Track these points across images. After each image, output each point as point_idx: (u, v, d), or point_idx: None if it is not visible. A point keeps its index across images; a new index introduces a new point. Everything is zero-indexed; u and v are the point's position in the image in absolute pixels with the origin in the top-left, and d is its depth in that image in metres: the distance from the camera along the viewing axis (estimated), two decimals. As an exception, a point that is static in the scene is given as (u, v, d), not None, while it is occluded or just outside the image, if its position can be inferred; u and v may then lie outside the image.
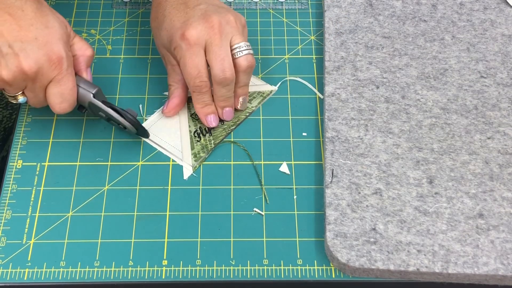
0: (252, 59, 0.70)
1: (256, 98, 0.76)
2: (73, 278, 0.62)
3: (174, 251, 0.64)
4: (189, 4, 0.71)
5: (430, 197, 0.66)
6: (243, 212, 0.67)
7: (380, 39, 0.80)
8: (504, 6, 0.84)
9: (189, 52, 0.68)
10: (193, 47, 0.68)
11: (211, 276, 0.63)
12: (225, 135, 0.72)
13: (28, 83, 0.65)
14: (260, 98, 0.76)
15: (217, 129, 0.73)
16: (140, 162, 0.71)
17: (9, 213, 0.66)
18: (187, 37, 0.68)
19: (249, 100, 0.75)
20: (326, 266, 0.63)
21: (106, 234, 0.65)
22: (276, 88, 0.77)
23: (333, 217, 0.65)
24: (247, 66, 0.70)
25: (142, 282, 0.62)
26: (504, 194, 0.66)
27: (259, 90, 0.77)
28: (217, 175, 0.70)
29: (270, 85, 0.77)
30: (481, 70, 0.77)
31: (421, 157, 0.69)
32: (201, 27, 0.68)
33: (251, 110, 0.75)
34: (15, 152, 0.71)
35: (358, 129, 0.71)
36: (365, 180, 0.67)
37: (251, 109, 0.75)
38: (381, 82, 0.76)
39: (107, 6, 0.86)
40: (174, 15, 0.70)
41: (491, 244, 0.63)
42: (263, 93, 0.76)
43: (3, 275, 0.62)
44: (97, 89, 0.68)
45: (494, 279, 0.62)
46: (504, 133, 0.71)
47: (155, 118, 0.74)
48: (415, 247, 0.62)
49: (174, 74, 0.73)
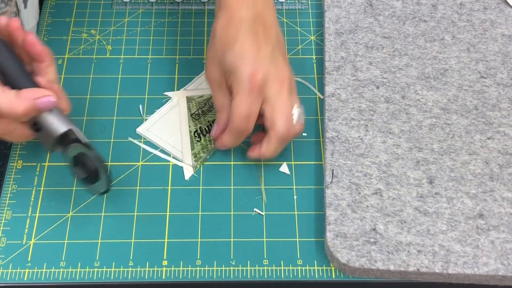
0: (302, 128, 0.68)
1: None
2: (73, 279, 0.62)
3: (174, 251, 0.64)
4: (260, 33, 0.67)
5: (430, 197, 0.66)
6: (243, 212, 0.67)
7: (380, 39, 0.80)
8: (504, 6, 0.84)
9: (250, 94, 0.65)
10: (255, 92, 0.65)
11: (211, 276, 0.63)
12: None
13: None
14: None
15: None
16: (140, 162, 0.71)
17: (9, 213, 0.66)
18: (255, 79, 0.64)
19: None
20: (326, 267, 0.63)
21: (106, 235, 0.65)
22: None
23: (333, 217, 0.65)
24: (299, 133, 0.68)
25: (142, 282, 0.62)
26: (504, 195, 0.66)
27: None
28: (217, 175, 0.70)
29: None
30: (481, 70, 0.77)
31: (421, 157, 0.69)
32: (272, 77, 0.65)
33: None
34: (15, 152, 0.71)
35: (358, 129, 0.71)
36: (365, 180, 0.67)
37: None
38: (381, 82, 0.76)
39: (107, 6, 0.86)
40: (246, 43, 0.66)
41: (491, 244, 0.63)
42: None
43: (3, 275, 0.62)
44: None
45: (494, 280, 0.62)
46: (504, 133, 0.71)
47: (155, 118, 0.74)
48: (415, 247, 0.62)
49: (221, 96, 0.69)
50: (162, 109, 0.75)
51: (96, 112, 0.74)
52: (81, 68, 0.78)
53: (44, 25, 0.83)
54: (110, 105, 0.75)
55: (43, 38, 0.81)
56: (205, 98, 0.75)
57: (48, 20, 0.83)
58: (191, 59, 0.80)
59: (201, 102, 0.75)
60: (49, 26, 0.83)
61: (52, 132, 0.61)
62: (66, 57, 0.80)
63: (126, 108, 0.75)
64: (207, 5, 0.86)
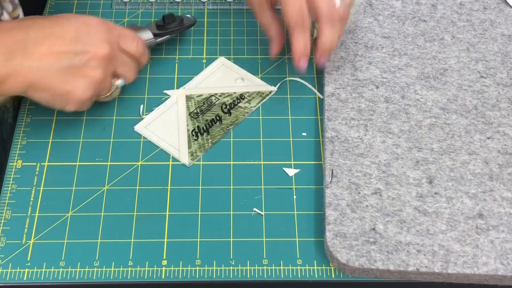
0: (347, 11, 0.70)
1: (255, 98, 0.76)
2: (73, 278, 0.62)
3: (173, 251, 0.64)
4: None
5: (429, 197, 0.66)
6: (242, 212, 0.67)
7: (380, 39, 0.80)
8: (504, 6, 0.84)
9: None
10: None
11: (211, 276, 0.63)
12: (222, 134, 0.72)
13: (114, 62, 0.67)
14: (259, 98, 0.76)
15: (215, 128, 0.73)
16: (140, 162, 0.71)
17: (8, 213, 0.66)
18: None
19: (248, 100, 0.75)
20: (326, 266, 0.63)
21: (106, 234, 0.65)
22: (275, 88, 0.77)
23: (333, 217, 0.65)
24: (344, 15, 0.69)
25: (141, 282, 0.62)
26: (504, 194, 0.66)
27: (258, 90, 0.77)
28: (217, 175, 0.70)
29: (270, 85, 0.77)
30: (480, 70, 0.77)
31: (420, 157, 0.69)
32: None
33: (249, 110, 0.75)
34: (15, 152, 0.71)
35: (357, 129, 0.71)
36: (364, 180, 0.67)
37: (249, 109, 0.75)
38: (381, 82, 0.76)
39: (107, 6, 0.86)
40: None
41: (490, 244, 0.63)
42: (262, 93, 0.76)
43: (3, 275, 0.62)
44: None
45: (494, 279, 0.62)
46: (504, 133, 0.71)
47: (153, 116, 0.74)
48: (415, 247, 0.62)
49: (264, 14, 0.72)
50: (160, 107, 0.75)
51: (96, 112, 0.74)
52: (81, 68, 0.78)
53: (44, 25, 0.83)
54: (110, 105, 0.75)
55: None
56: (204, 97, 0.76)
57: (48, 20, 0.83)
58: (191, 59, 0.80)
59: (200, 101, 0.75)
60: (49, 26, 0.83)
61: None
62: (66, 57, 0.79)
63: (126, 108, 0.75)
64: (207, 5, 0.86)
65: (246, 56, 0.81)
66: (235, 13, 0.85)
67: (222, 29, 0.83)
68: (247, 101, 0.75)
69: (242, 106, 0.75)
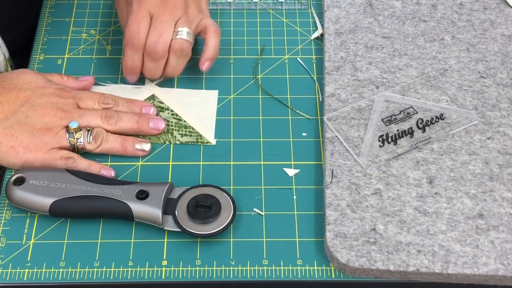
0: (186, 46, 0.73)
1: (188, 136, 0.72)
2: (73, 279, 0.62)
3: (174, 251, 0.64)
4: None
5: (430, 197, 0.66)
6: (243, 212, 0.67)
7: (380, 39, 0.80)
8: (504, 6, 0.84)
9: (138, 12, 0.72)
10: (142, 11, 0.72)
11: (211, 276, 0.63)
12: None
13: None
14: (192, 139, 0.72)
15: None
16: (140, 162, 0.71)
17: (8, 213, 0.66)
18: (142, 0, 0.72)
19: (181, 135, 0.72)
20: (326, 267, 0.63)
21: (106, 234, 0.65)
22: (214, 142, 0.72)
23: (333, 218, 0.65)
24: (178, 49, 0.72)
25: (142, 282, 0.62)
26: (504, 195, 0.66)
27: (199, 131, 0.73)
28: (217, 175, 0.70)
29: (211, 136, 0.73)
30: (481, 70, 0.77)
31: (421, 157, 0.69)
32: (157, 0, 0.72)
33: (174, 142, 0.72)
34: (15, 152, 0.71)
35: (358, 129, 0.71)
36: (364, 180, 0.67)
37: (174, 141, 0.72)
38: (381, 82, 0.76)
39: (107, 6, 0.86)
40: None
41: (491, 244, 0.63)
42: (199, 139, 0.72)
43: (3, 275, 0.62)
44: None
45: (494, 280, 0.62)
46: (504, 133, 0.71)
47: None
48: (415, 247, 0.62)
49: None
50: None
51: (96, 112, 0.74)
52: (81, 68, 0.78)
53: (44, 25, 0.83)
54: (110, 105, 0.75)
55: (42, 38, 0.81)
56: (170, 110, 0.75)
57: (48, 20, 0.83)
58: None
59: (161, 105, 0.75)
60: (49, 26, 0.83)
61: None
62: (66, 57, 0.80)
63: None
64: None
65: (246, 56, 0.81)
66: (235, 13, 0.85)
67: (222, 29, 0.83)
68: (181, 135, 0.72)
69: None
